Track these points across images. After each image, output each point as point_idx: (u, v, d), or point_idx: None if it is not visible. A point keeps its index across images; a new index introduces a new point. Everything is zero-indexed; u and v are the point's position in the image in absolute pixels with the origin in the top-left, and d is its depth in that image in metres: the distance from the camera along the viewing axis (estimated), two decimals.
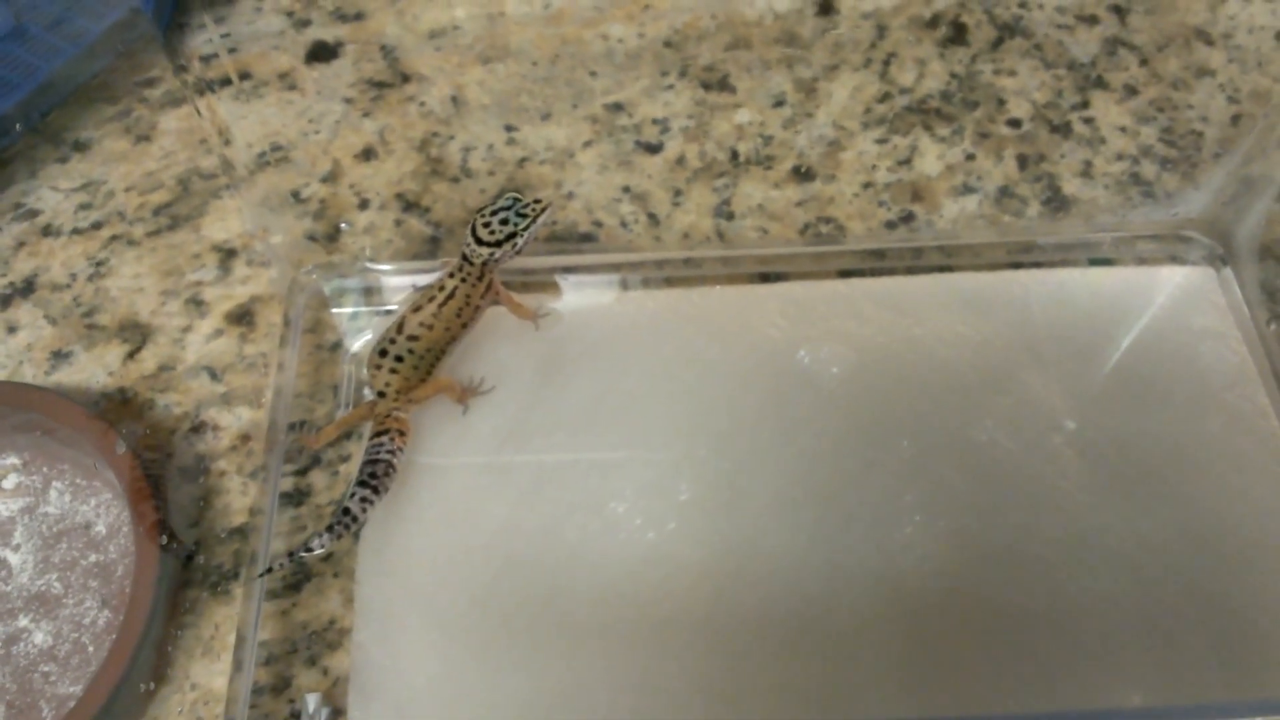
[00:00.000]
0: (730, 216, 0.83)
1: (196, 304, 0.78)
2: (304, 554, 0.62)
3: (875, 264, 0.78)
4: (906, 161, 0.86)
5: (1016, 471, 0.63)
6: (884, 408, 0.65)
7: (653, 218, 0.83)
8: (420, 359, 0.67)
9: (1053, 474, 0.63)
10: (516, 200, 0.68)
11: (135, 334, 0.77)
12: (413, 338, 0.67)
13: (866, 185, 0.85)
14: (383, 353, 0.67)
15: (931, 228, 0.82)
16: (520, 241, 0.67)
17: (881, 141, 0.87)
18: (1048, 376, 0.67)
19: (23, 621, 0.65)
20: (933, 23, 0.93)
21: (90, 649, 0.64)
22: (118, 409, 0.73)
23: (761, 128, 0.88)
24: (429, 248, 0.81)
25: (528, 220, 0.67)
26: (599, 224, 0.83)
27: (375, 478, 0.63)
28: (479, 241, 0.67)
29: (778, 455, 0.64)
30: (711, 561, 0.60)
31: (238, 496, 0.70)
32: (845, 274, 0.76)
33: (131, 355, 0.76)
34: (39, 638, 0.64)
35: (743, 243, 0.82)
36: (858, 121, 0.88)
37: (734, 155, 0.86)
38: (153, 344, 0.76)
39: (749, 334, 0.69)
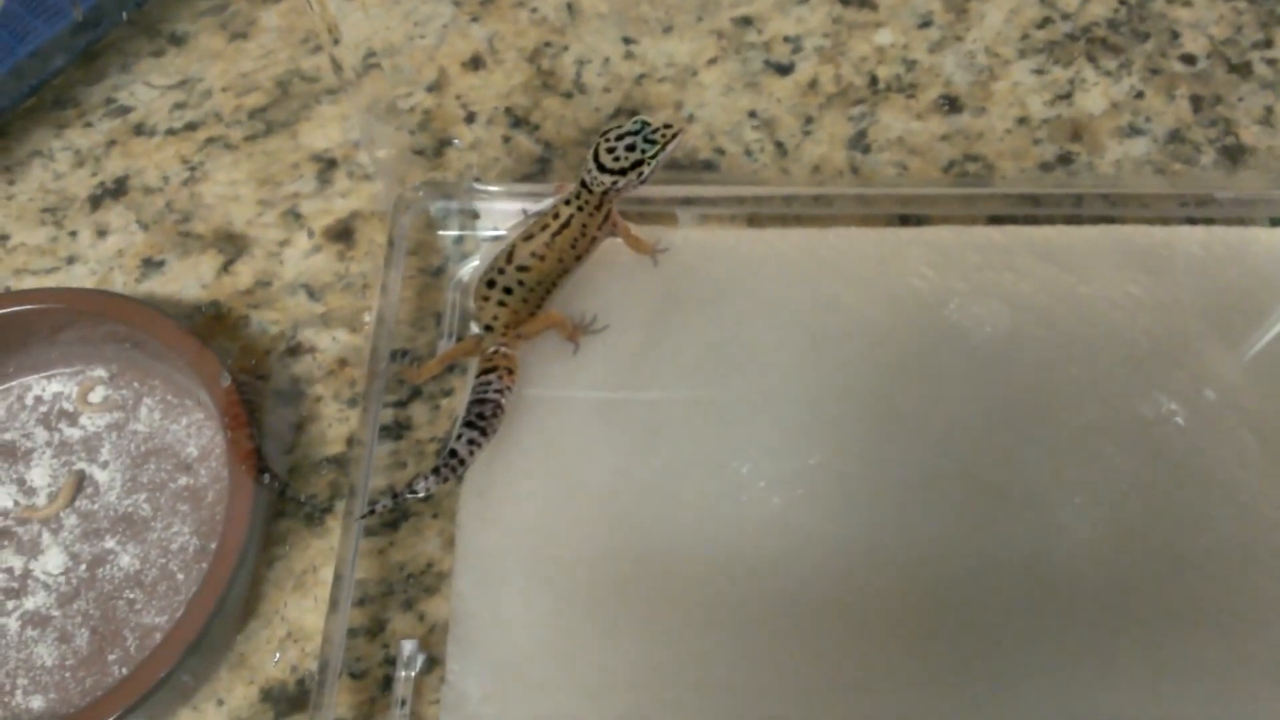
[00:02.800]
0: (866, 149, 0.76)
1: (295, 217, 0.74)
2: (408, 497, 0.58)
3: (1029, 210, 0.70)
4: (1066, 96, 0.78)
5: (1188, 455, 0.57)
6: (1043, 375, 0.59)
7: (780, 147, 0.76)
8: (530, 291, 0.62)
9: (1229, 459, 0.57)
10: (645, 125, 0.62)
11: (230, 245, 0.73)
12: (523, 268, 0.62)
13: (1020, 120, 0.77)
14: (490, 283, 0.62)
15: (1092, 172, 0.74)
16: (646, 171, 0.61)
17: (1039, 72, 0.78)
18: (1227, 349, 0.60)
19: (109, 543, 0.62)
20: None
21: (179, 577, 0.61)
22: (211, 325, 0.70)
23: (905, 50, 0.80)
24: (538, 168, 0.76)
25: (656, 147, 0.61)
26: (721, 151, 0.76)
27: (483, 419, 0.59)
28: (601, 168, 0.61)
29: (921, 421, 0.58)
30: (843, 535, 0.55)
31: (335, 424, 0.66)
32: (995, 220, 0.69)
33: (226, 267, 0.72)
34: (125, 560, 0.62)
35: (879, 179, 0.74)
36: (1013, 48, 0.80)
37: (873, 80, 0.79)
38: (248, 257, 0.72)
39: (890, 283, 0.62)
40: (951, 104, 0.77)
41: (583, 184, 0.63)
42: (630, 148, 0.61)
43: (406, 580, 0.61)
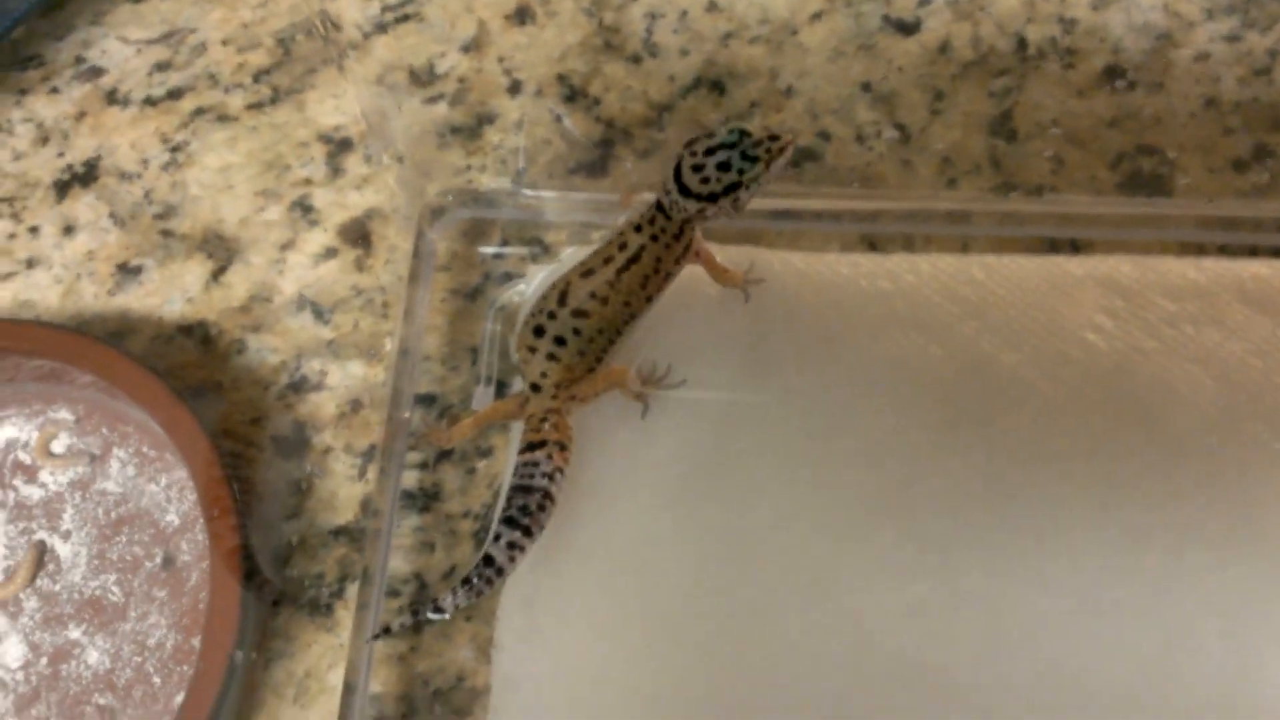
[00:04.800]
0: (1012, 135, 0.60)
1: (303, 211, 0.60)
2: (430, 617, 0.46)
3: (1228, 235, 0.55)
4: (1265, 71, 0.61)
5: None
6: (1266, 480, 0.44)
7: (902, 130, 0.61)
8: (589, 343, 0.48)
9: None
10: (743, 135, 0.47)
11: (221, 248, 0.60)
12: (580, 313, 0.48)
13: (1208, 102, 0.60)
14: (538, 330, 0.49)
15: None
16: (744, 196, 0.47)
17: (1232, 39, 0.62)
18: None
19: (74, 633, 0.51)
20: None
21: (156, 680, 0.50)
22: (198, 354, 0.57)
23: (1061, 6, 0.63)
24: (599, 155, 0.61)
25: (757, 167, 0.46)
26: (826, 135, 0.61)
27: (527, 514, 0.46)
28: (685, 191, 0.47)
29: (1100, 529, 0.44)
30: (994, 683, 0.42)
31: (346, 484, 0.54)
32: (1189, 248, 0.53)
33: (216, 276, 0.59)
34: (94, 656, 0.51)
35: (1027, 175, 0.59)
36: (1198, 6, 0.63)
37: (1020, 44, 0.63)
38: (243, 263, 0.59)
39: (1056, 337, 0.48)
40: (1121, 77, 0.61)
41: (659, 208, 0.48)
42: (724, 165, 0.47)
43: (433, 696, 0.50)
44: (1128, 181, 0.59)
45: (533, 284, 0.55)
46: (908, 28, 0.63)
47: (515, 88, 0.63)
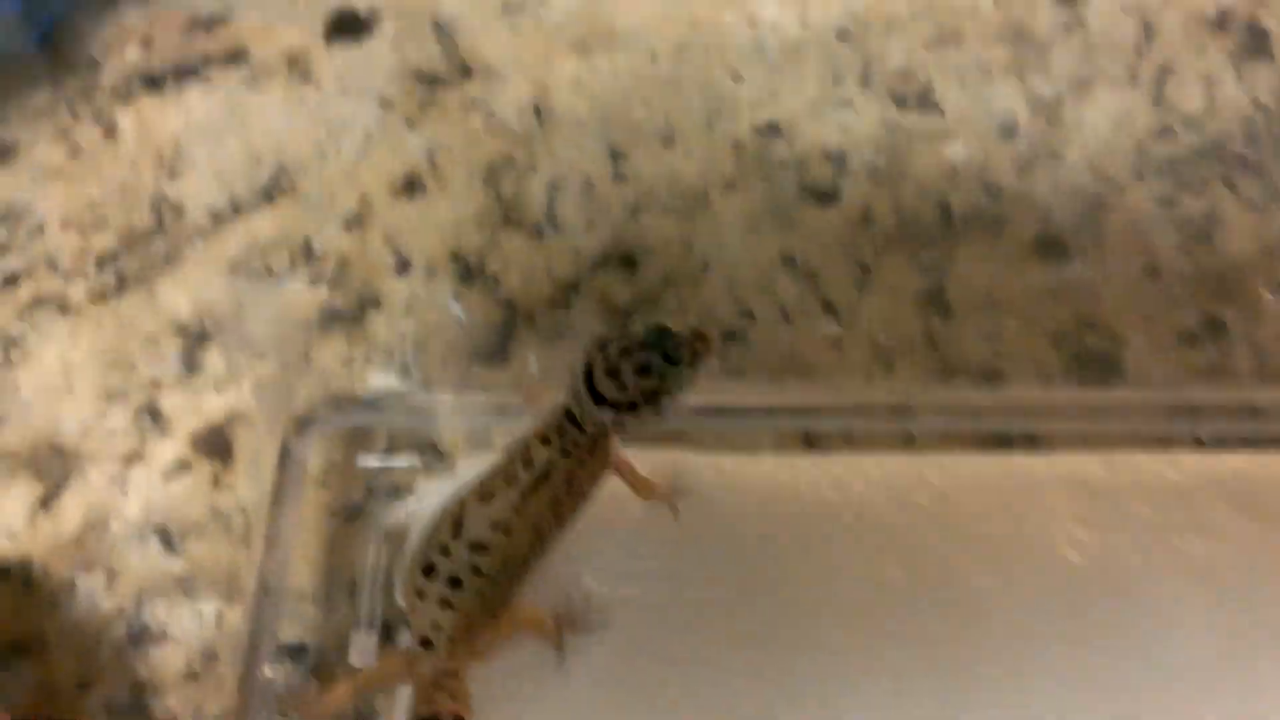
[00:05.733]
0: (947, 312, 0.56)
1: (151, 416, 0.52)
2: None
3: (1197, 427, 0.50)
4: (1205, 237, 0.58)
5: None
6: None
7: (829, 307, 0.56)
8: (491, 584, 0.41)
9: None
10: (663, 334, 0.41)
11: (56, 465, 0.51)
12: (479, 547, 0.40)
13: (1149, 270, 0.57)
14: (429, 569, 0.41)
15: (1252, 347, 0.55)
16: (667, 404, 0.41)
17: (1166, 202, 0.59)
18: None
19: None
20: (1219, 23, 0.64)
21: None
22: (16, 604, 0.47)
23: (984, 171, 0.60)
24: (499, 340, 0.54)
25: (681, 369, 0.40)
26: (749, 314, 0.56)
27: None
28: (598, 399, 0.40)
29: None
30: None
31: None
32: (1157, 442, 0.48)
33: (46, 502, 0.50)
34: None
35: (967, 355, 0.54)
36: (1128, 167, 0.60)
37: (945, 213, 0.59)
38: (80, 483, 0.50)
39: (1031, 554, 0.42)
40: (1053, 245, 0.58)
41: (569, 418, 0.42)
42: (644, 369, 0.40)
43: None
44: (1074, 360, 0.54)
45: (425, 500, 0.47)
46: (826, 196, 0.59)
47: (403, 266, 0.56)
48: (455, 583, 0.40)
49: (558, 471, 0.41)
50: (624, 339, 0.41)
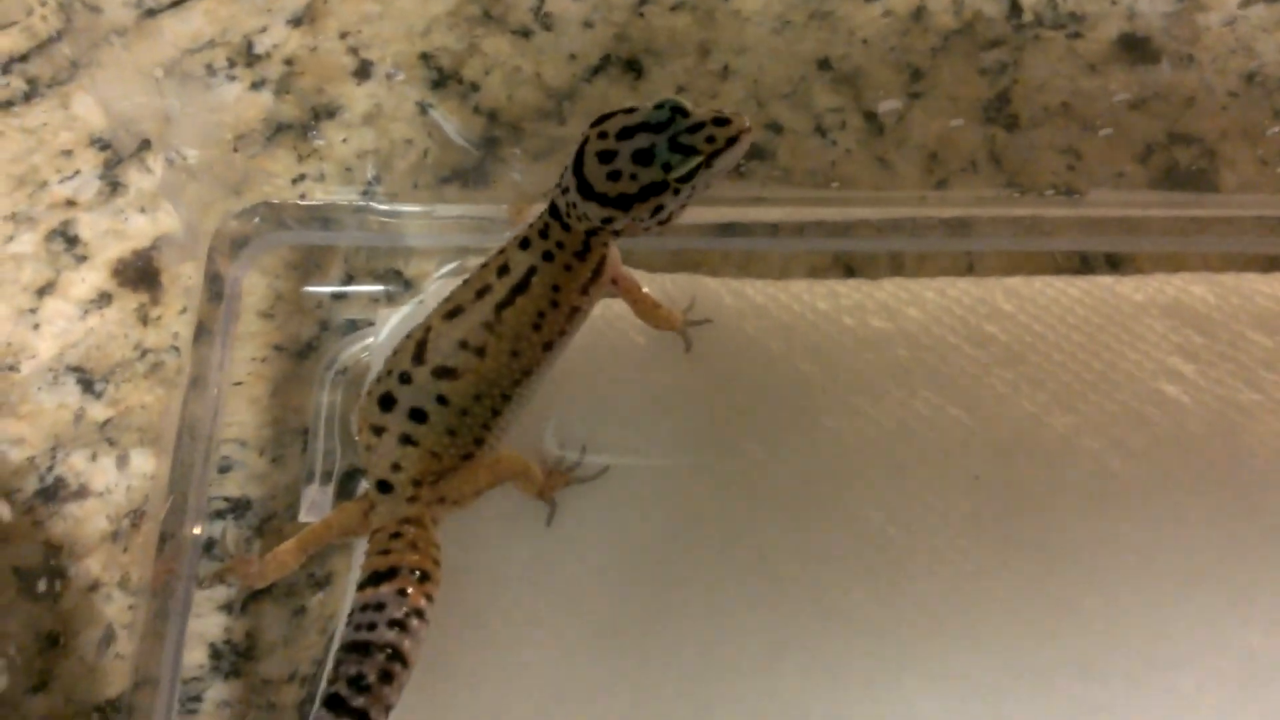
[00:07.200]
0: (1013, 123, 0.47)
1: (65, 241, 0.44)
2: None
3: None
4: None
5: None
6: None
7: (872, 120, 0.47)
8: (461, 416, 0.33)
9: None
10: (676, 113, 0.31)
11: None
12: (445, 372, 0.33)
13: (1249, 77, 0.48)
14: (386, 401, 0.33)
15: None
16: (670, 203, 0.32)
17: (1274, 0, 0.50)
18: None
19: None
20: None
21: None
22: None
23: None
24: (477, 162, 0.46)
25: (691, 160, 0.31)
26: (777, 127, 0.47)
27: (363, 689, 0.30)
28: (587, 191, 0.32)
29: (1219, 659, 0.30)
30: None
31: (117, 638, 0.37)
32: (1260, 262, 0.40)
33: None
34: None
35: (1036, 174, 0.46)
36: None
37: (1014, 8, 0.49)
38: None
39: (1121, 389, 0.34)
40: (1141, 48, 0.48)
41: (553, 212, 0.33)
42: (644, 156, 0.31)
43: None
44: (1163, 177, 0.46)
45: (386, 333, 0.39)
46: None
47: (363, 70, 0.47)
48: (418, 415, 0.33)
49: (540, 279, 0.33)
50: (626, 116, 0.32)
